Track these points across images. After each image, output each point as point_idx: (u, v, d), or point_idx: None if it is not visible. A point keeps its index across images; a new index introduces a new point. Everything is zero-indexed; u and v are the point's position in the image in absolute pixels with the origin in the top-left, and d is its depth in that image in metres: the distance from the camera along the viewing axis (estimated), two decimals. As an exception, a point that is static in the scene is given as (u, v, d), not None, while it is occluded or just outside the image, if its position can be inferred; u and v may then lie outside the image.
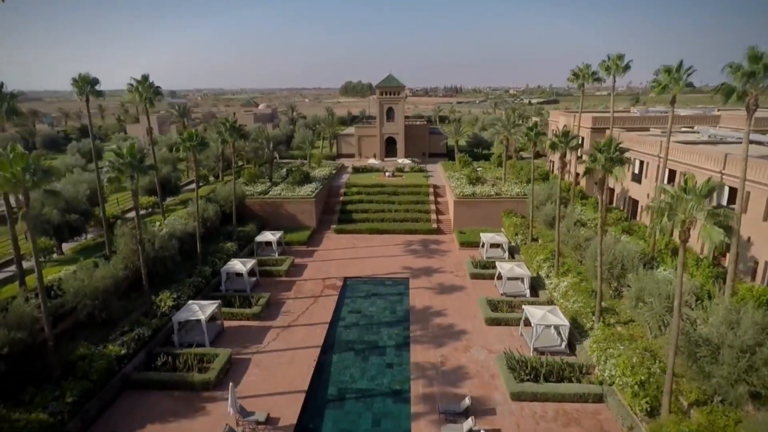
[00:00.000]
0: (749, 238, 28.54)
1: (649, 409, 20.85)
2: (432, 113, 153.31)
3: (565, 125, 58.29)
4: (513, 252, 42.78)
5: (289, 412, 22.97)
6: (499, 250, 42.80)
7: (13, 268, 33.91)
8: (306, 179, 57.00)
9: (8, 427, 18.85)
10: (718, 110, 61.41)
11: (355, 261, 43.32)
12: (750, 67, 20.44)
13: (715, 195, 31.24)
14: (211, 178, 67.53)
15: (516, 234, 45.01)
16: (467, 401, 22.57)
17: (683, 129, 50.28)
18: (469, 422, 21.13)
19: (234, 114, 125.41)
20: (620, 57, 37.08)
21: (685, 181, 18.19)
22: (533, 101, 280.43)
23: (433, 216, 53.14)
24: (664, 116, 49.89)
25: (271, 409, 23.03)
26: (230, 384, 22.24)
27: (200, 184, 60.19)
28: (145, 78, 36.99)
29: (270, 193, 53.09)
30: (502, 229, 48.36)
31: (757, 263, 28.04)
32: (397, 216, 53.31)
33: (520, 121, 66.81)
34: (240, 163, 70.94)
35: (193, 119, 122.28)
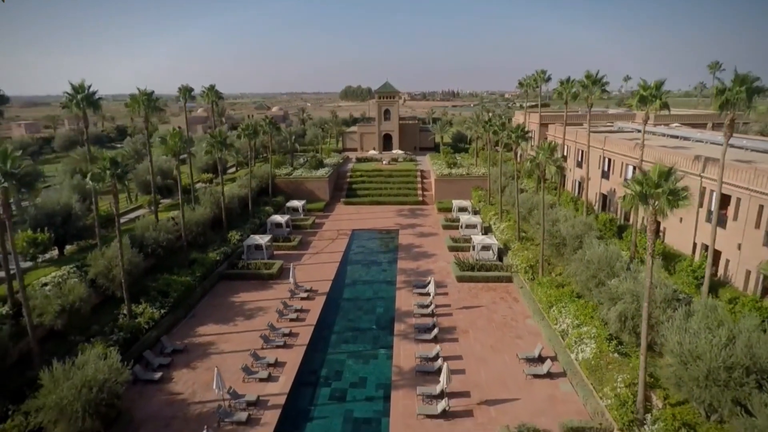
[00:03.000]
0: (615, 190, 44.20)
1: (532, 278, 36.35)
2: (426, 116, 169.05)
3: (523, 122, 74.03)
4: (476, 213, 58.28)
5: (323, 288, 38.45)
6: (466, 212, 58.26)
7: (130, 216, 49.63)
8: (320, 165, 72.61)
9: (174, 281, 34.34)
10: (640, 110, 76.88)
11: (360, 221, 58.90)
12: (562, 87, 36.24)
13: (602, 165, 46.89)
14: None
15: (479, 201, 60.65)
16: (429, 278, 38.05)
17: (607, 123, 65.98)
18: (429, 287, 36.62)
19: (251, 116, 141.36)
20: (543, 72, 52.85)
21: (544, 145, 33.82)
22: (524, 104, 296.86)
23: (419, 192, 68.83)
24: (596, 114, 65.58)
25: (312, 286, 38.51)
26: (291, 265, 37.88)
27: (237, 168, 75.95)
28: (212, 86, 52.75)
29: (293, 174, 68.69)
30: (471, 200, 63.82)
31: (617, 206, 43.67)
32: (392, 192, 68.91)
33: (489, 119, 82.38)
34: (264, 154, 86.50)
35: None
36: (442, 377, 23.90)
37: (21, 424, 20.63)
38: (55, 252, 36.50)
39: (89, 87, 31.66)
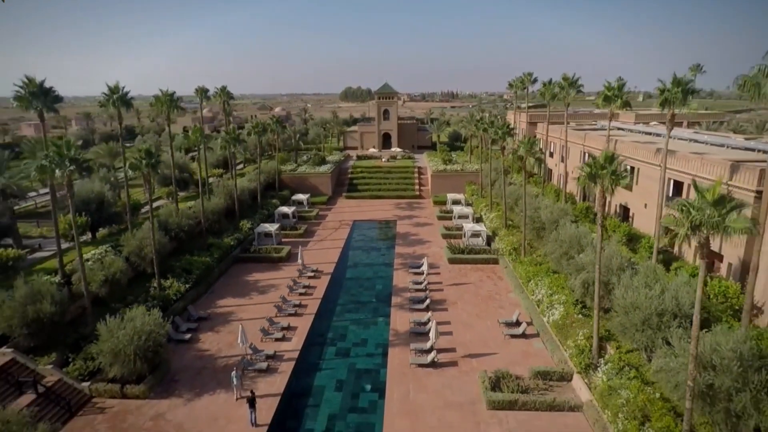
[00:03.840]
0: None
1: (515, 258, 40.56)
2: (425, 116, 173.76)
3: (515, 121, 78.35)
4: (468, 205, 62.51)
5: (328, 269, 42.66)
6: (459, 204, 62.47)
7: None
8: (323, 161, 76.88)
9: (195, 261, 38.54)
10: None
11: (360, 212, 63.15)
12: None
13: (582, 159, 51.08)
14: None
15: (472, 195, 64.91)
16: (424, 260, 42.24)
17: (592, 122, 70.23)
18: (423, 266, 40.84)
19: (254, 116, 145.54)
20: (530, 74, 57.17)
21: (525, 139, 38.05)
22: (522, 105, 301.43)
23: (417, 186, 73.10)
24: (583, 114, 69.76)
25: (318, 267, 42.72)
26: (299, 248, 42.12)
27: (245, 165, 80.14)
28: (224, 87, 56.97)
29: (298, 170, 72.96)
30: (464, 193, 68.07)
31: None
32: (390, 187, 73.20)
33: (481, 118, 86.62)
34: (269, 152, 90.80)
35: (220, 119, 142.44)
36: (431, 333, 28.17)
37: (81, 368, 24.93)
38: (88, 235, 40.72)
39: (123, 88, 35.95)
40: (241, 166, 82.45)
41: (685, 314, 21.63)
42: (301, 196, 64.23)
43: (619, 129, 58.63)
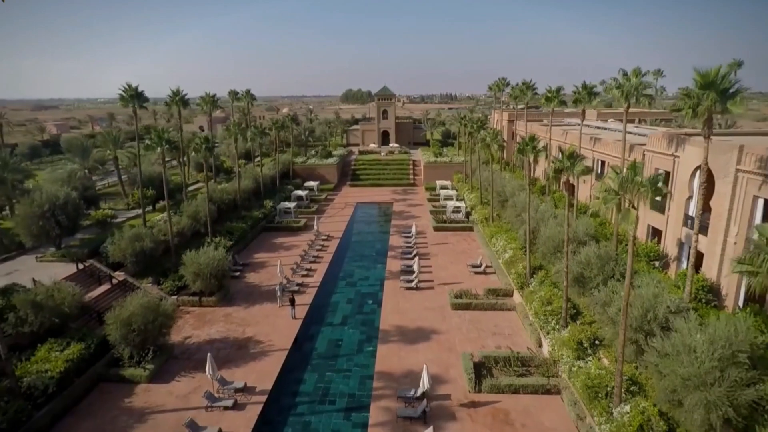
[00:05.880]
0: (552, 166, 59.39)
1: (486, 224, 51.54)
2: (422, 116, 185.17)
3: (497, 119, 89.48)
4: (454, 189, 73.59)
5: (337, 235, 53.69)
6: (447, 189, 73.49)
7: (191, 188, 64.71)
8: (329, 155, 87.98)
9: (234, 226, 49.52)
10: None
11: (362, 197, 74.22)
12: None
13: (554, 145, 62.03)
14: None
15: (458, 181, 75.99)
16: (413, 226, 53.24)
17: (562, 120, 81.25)
18: (412, 230, 51.87)
19: (262, 116, 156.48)
20: (503, 79, 68.25)
21: (490, 132, 49.07)
22: (518, 106, 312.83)
23: (411, 176, 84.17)
24: (556, 113, 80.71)
25: (329, 233, 53.75)
26: (315, 217, 53.21)
27: (261, 158, 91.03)
28: (248, 90, 68.11)
29: (308, 162, 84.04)
30: (451, 181, 79.07)
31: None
32: (388, 177, 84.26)
33: (464, 116, 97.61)
34: (281, 148, 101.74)
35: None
36: (415, 267, 39.17)
37: (171, 285, 35.92)
38: (149, 207, 51.80)
39: (183, 90, 47.07)
40: (257, 159, 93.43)
41: (579, 240, 32.62)
42: (311, 183, 75.27)
43: (578, 125, 69.65)
